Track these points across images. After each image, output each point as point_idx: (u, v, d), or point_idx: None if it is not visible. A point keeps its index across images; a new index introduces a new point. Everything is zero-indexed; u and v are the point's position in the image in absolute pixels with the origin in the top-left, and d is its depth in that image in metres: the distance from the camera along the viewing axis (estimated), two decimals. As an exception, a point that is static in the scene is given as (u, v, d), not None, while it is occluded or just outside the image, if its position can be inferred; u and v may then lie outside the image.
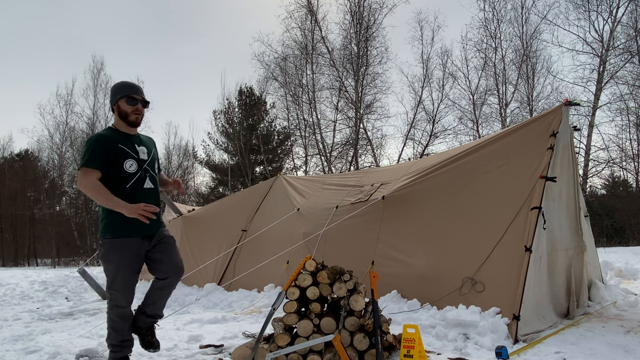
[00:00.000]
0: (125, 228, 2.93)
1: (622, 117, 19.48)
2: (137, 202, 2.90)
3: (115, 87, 3.11)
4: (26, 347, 4.08)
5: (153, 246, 3.08)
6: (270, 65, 23.78)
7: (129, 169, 2.97)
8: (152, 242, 3.07)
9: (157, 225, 3.10)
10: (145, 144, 3.15)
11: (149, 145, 3.17)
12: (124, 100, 3.03)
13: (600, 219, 18.29)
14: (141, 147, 3.08)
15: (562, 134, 4.53)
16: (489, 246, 4.24)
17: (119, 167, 2.93)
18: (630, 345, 3.47)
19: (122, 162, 2.94)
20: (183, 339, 4.17)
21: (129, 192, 2.94)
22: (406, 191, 5.29)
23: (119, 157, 2.94)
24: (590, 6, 18.98)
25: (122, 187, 2.93)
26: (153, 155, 3.17)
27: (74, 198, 29.35)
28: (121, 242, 2.94)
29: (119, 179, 2.94)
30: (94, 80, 28.24)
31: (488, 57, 21.45)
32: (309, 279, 3.40)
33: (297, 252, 5.98)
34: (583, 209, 5.47)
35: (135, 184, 2.98)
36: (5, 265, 25.32)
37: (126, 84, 3.10)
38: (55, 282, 9.38)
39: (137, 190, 2.99)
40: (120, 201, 2.83)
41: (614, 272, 7.10)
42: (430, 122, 22.50)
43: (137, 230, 2.96)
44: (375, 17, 22.75)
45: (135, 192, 2.97)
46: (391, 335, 3.40)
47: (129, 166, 2.97)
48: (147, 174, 3.07)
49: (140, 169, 3.02)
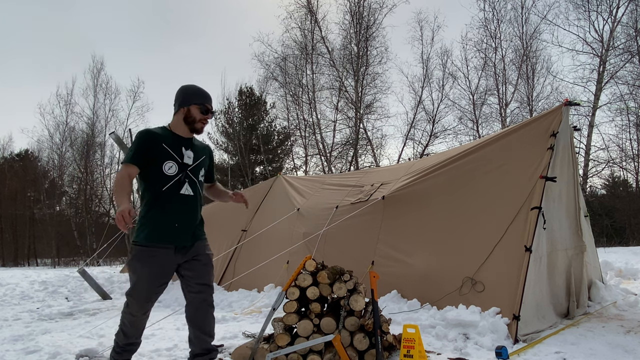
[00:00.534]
0: (157, 235, 2.80)
1: (622, 117, 19.51)
2: (172, 206, 2.82)
3: (190, 90, 3.00)
4: (26, 347, 4.09)
5: (186, 261, 2.91)
6: (270, 65, 23.81)
7: (167, 171, 2.84)
8: (186, 256, 2.90)
9: (194, 238, 2.94)
10: (195, 149, 3.01)
11: (199, 152, 3.03)
12: (198, 107, 2.94)
13: (600, 219, 18.29)
14: (188, 151, 2.95)
15: (562, 134, 4.53)
16: (489, 246, 4.25)
17: (158, 168, 2.82)
18: (630, 345, 3.47)
19: (161, 162, 2.83)
20: (183, 339, 4.16)
21: (164, 195, 2.82)
22: (406, 191, 5.29)
23: (159, 157, 2.83)
24: (590, 6, 18.99)
25: (158, 188, 2.82)
26: (201, 162, 3.02)
27: (74, 198, 29.35)
28: (151, 251, 2.79)
29: (156, 179, 2.82)
30: (94, 80, 28.26)
31: (488, 57, 21.46)
32: (309, 279, 3.40)
33: (297, 252, 5.98)
34: (583, 209, 5.47)
35: (171, 187, 2.84)
36: (5, 265, 25.31)
37: (203, 92, 3.01)
38: (55, 282, 9.38)
39: (173, 194, 2.85)
40: (123, 201, 2.65)
41: (614, 272, 7.11)
42: (430, 122, 22.51)
43: (170, 239, 2.82)
44: (375, 17, 22.77)
45: (170, 196, 2.83)
46: (391, 335, 3.41)
47: (167, 168, 2.84)
48: (187, 180, 2.91)
49: (180, 173, 2.87)
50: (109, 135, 25.61)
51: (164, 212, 2.82)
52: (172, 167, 2.86)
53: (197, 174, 2.98)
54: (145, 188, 2.85)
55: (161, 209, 2.81)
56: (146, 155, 2.80)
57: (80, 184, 28.62)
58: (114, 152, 28.28)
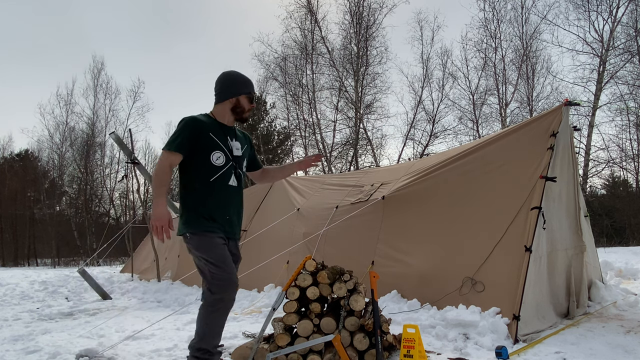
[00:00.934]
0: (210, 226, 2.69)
1: (622, 117, 19.50)
2: (220, 198, 2.74)
3: (239, 79, 2.91)
4: (26, 347, 4.09)
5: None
6: (270, 65, 23.81)
7: (216, 162, 2.74)
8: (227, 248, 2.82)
9: (237, 231, 2.87)
10: (240, 139, 2.94)
11: (242, 142, 2.96)
12: (247, 97, 2.88)
13: (600, 219, 18.28)
14: (236, 142, 2.88)
15: (562, 134, 4.53)
16: (489, 246, 4.24)
17: (205, 158, 2.72)
18: (630, 345, 3.47)
19: (210, 152, 2.73)
20: (183, 339, 4.16)
21: (213, 186, 2.73)
22: (406, 191, 5.29)
23: (208, 147, 2.73)
24: (590, 6, 19.00)
25: (206, 179, 2.72)
26: (244, 152, 2.96)
27: (74, 198, 29.36)
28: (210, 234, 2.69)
29: (204, 170, 2.72)
30: (94, 81, 28.34)
31: (488, 57, 21.47)
32: (309, 279, 3.40)
33: (297, 252, 5.98)
34: (583, 209, 5.47)
35: (220, 178, 2.75)
36: (5, 265, 25.32)
37: (249, 81, 2.93)
38: (55, 282, 9.39)
39: (222, 185, 2.76)
40: (161, 201, 2.58)
41: (614, 272, 7.10)
42: (430, 122, 22.52)
43: (221, 230, 2.73)
44: (375, 17, 22.77)
45: (219, 187, 2.75)
46: (391, 335, 3.40)
47: (215, 158, 2.74)
48: (234, 171, 2.83)
49: (227, 164, 2.79)
50: (109, 135, 25.64)
51: (214, 203, 2.72)
52: (220, 158, 2.77)
53: (242, 165, 2.92)
54: (191, 178, 2.75)
55: (211, 200, 2.71)
56: (193, 143, 2.70)
57: (80, 184, 28.66)
58: (114, 152, 28.36)
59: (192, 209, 2.72)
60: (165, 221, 2.51)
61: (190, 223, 2.70)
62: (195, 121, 2.74)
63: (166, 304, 6.78)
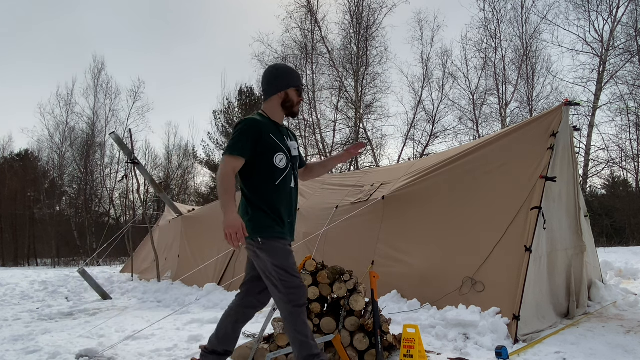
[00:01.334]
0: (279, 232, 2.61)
1: (622, 117, 19.50)
2: (284, 201, 2.65)
3: (287, 71, 2.80)
4: (26, 347, 4.09)
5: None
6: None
7: (279, 164, 2.64)
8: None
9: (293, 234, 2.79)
10: (294, 139, 2.85)
11: (294, 140, 2.85)
12: (295, 89, 2.75)
13: (600, 219, 18.28)
14: (292, 142, 2.79)
15: (562, 134, 4.53)
16: (489, 246, 4.24)
17: (269, 160, 2.62)
18: (630, 345, 3.47)
19: (273, 155, 2.62)
20: (183, 339, 4.17)
21: (277, 190, 2.63)
22: (406, 191, 5.29)
23: (270, 149, 2.62)
24: (590, 6, 19.00)
25: (271, 183, 2.61)
26: (298, 151, 2.87)
27: (74, 198, 29.36)
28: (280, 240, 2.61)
29: (268, 173, 2.62)
30: (94, 81, 28.31)
31: (488, 57, 21.46)
32: (309, 279, 3.40)
33: (297, 252, 5.96)
34: (583, 209, 5.47)
35: (283, 181, 2.66)
36: (5, 265, 25.32)
37: (297, 73, 2.81)
38: (55, 282, 9.39)
39: (285, 188, 2.67)
40: (231, 207, 2.47)
41: (614, 272, 7.10)
42: (430, 122, 22.51)
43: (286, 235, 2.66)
44: (375, 17, 22.77)
45: (283, 190, 2.65)
46: (391, 335, 3.41)
47: (279, 161, 2.64)
48: (293, 173, 2.76)
49: (288, 165, 2.70)
50: (109, 135, 25.62)
51: (281, 207, 2.63)
52: (283, 160, 2.67)
53: (297, 166, 2.83)
54: (257, 182, 2.64)
55: (279, 203, 2.62)
56: (255, 146, 2.59)
57: (80, 184, 28.65)
58: (114, 152, 28.34)
59: (262, 214, 2.60)
60: (238, 227, 2.41)
61: (262, 228, 2.59)
62: (256, 123, 2.62)
63: (166, 304, 6.78)
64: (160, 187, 10.87)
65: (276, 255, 2.56)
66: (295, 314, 2.54)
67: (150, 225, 9.98)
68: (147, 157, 29.86)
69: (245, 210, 2.65)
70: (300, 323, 2.55)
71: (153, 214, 23.23)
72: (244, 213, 2.66)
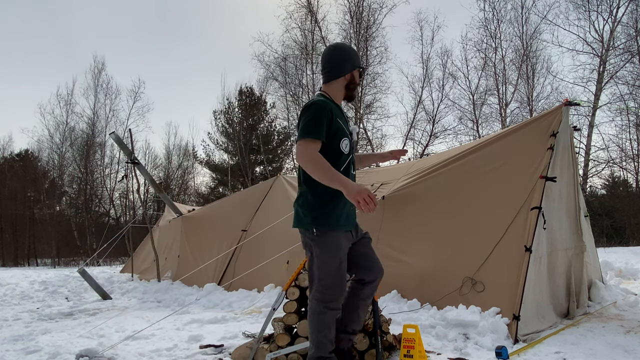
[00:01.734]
0: (338, 221, 2.50)
1: (622, 117, 19.53)
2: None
3: (351, 52, 2.66)
4: (26, 347, 4.09)
5: (357, 240, 2.69)
6: (270, 65, 23.83)
7: (345, 149, 2.52)
8: (356, 237, 2.68)
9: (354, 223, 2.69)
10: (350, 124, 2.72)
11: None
12: (358, 70, 2.62)
13: (600, 219, 18.29)
14: (354, 125, 2.68)
15: (562, 134, 4.53)
16: (489, 246, 4.24)
17: (336, 145, 2.49)
18: (630, 345, 3.46)
19: (340, 139, 2.50)
20: (183, 339, 4.16)
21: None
22: (406, 191, 5.29)
23: (337, 133, 2.49)
24: (590, 6, 19.02)
25: (337, 168, 2.45)
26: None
27: (74, 198, 29.36)
28: (337, 234, 2.51)
29: (334, 159, 2.47)
30: (94, 81, 28.33)
31: (488, 57, 21.49)
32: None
33: (297, 252, 5.97)
34: (583, 209, 5.47)
35: (346, 167, 2.55)
36: (5, 265, 25.32)
37: (357, 53, 2.68)
38: (55, 282, 9.39)
39: (348, 174, 2.54)
40: (344, 178, 2.32)
41: (614, 272, 7.10)
42: (430, 122, 22.55)
43: (348, 223, 2.56)
44: (375, 17, 22.80)
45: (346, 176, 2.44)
46: (391, 335, 3.41)
47: (344, 146, 2.52)
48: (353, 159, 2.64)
49: (352, 151, 2.59)
50: (109, 135, 25.62)
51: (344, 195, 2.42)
52: (347, 145, 2.56)
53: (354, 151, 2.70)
54: None
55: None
56: (327, 129, 2.45)
57: (80, 184, 28.66)
58: (114, 152, 28.35)
59: (322, 203, 2.48)
60: (367, 190, 2.25)
61: (321, 219, 2.47)
62: (327, 105, 2.47)
63: (166, 304, 6.78)
64: (160, 187, 10.87)
65: (327, 249, 2.48)
66: (322, 314, 2.49)
67: (150, 225, 9.98)
68: (147, 157, 29.89)
69: (305, 199, 2.55)
70: (327, 324, 2.52)
71: (153, 214, 23.23)
72: (304, 202, 2.55)
